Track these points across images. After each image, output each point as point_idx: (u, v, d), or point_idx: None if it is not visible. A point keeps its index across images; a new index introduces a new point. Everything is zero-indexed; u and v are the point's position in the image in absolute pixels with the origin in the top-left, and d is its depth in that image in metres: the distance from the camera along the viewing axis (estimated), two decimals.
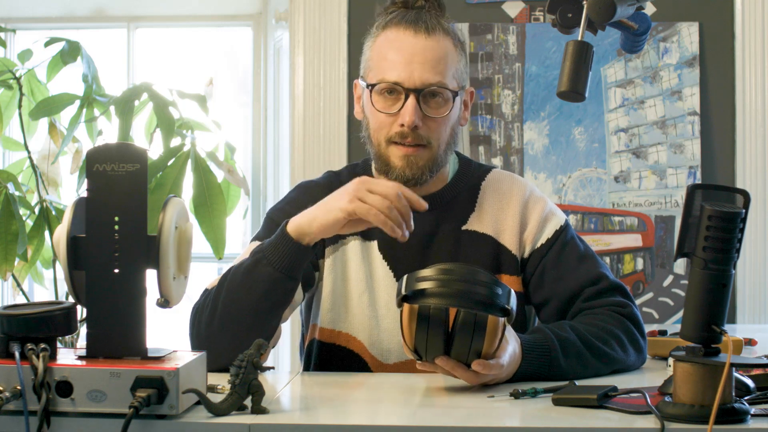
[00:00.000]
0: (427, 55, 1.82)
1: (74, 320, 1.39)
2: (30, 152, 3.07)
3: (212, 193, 2.91)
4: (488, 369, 1.54)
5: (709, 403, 1.29)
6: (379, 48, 1.87)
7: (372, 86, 1.85)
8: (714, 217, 1.31)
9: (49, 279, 3.16)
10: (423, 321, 1.53)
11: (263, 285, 1.70)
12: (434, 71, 1.82)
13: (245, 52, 3.87)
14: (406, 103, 1.82)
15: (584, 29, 1.69)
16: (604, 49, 3.30)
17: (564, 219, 1.96)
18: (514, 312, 1.53)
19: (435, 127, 1.85)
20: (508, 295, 1.53)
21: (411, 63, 1.81)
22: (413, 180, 1.87)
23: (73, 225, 1.38)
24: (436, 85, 1.82)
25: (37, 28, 3.83)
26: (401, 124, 1.82)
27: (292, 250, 1.71)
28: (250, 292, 1.70)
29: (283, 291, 1.72)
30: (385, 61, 1.84)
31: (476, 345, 1.53)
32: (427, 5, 1.88)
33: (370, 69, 1.88)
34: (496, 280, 1.53)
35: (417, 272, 1.54)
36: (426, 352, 1.55)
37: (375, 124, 1.87)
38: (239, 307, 1.70)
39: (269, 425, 1.32)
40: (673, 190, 3.29)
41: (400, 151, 1.85)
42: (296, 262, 1.71)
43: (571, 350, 1.70)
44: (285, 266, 1.70)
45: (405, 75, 1.81)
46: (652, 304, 3.29)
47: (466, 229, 1.93)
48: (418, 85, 1.81)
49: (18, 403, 1.29)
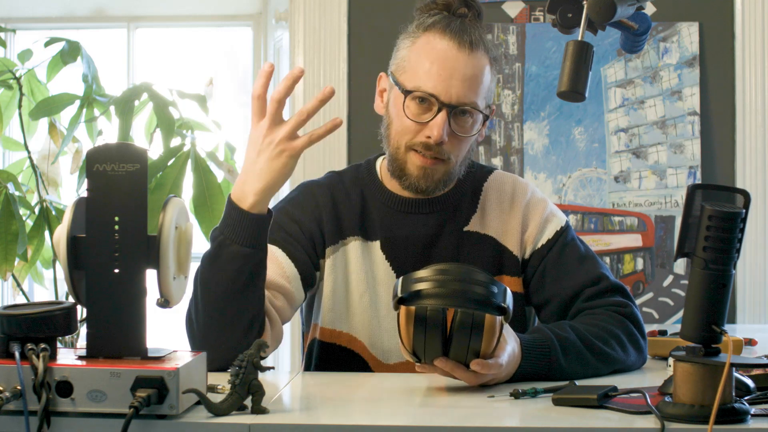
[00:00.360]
0: (467, 72, 1.80)
1: (74, 320, 1.39)
2: (30, 152, 3.07)
3: (212, 193, 2.91)
4: (487, 369, 1.54)
5: (709, 403, 1.29)
6: (418, 51, 1.84)
7: (408, 92, 1.82)
8: (714, 217, 1.31)
9: (49, 279, 3.16)
10: (420, 323, 1.52)
11: (233, 264, 1.65)
12: (471, 90, 1.81)
13: (245, 52, 3.87)
14: (437, 116, 1.80)
15: (584, 29, 1.69)
16: (604, 49, 3.30)
17: (564, 220, 1.96)
18: (510, 310, 1.53)
19: (457, 144, 1.84)
20: (504, 293, 1.53)
21: (450, 78, 1.79)
22: (427, 191, 1.87)
23: (73, 225, 1.38)
24: (469, 105, 1.81)
25: (37, 28, 3.84)
26: (428, 136, 1.81)
27: (249, 220, 1.66)
28: (221, 277, 1.66)
29: (254, 264, 1.67)
30: (424, 68, 1.81)
31: (474, 345, 1.52)
32: (469, 14, 1.86)
33: (405, 70, 1.85)
34: (492, 279, 1.53)
35: (413, 273, 1.54)
36: (424, 355, 1.54)
37: (399, 127, 1.85)
38: (217, 294, 1.66)
39: (269, 425, 1.32)
40: (673, 190, 3.29)
41: (419, 161, 1.84)
42: (259, 231, 1.67)
43: (571, 350, 1.70)
44: (249, 239, 1.65)
45: (442, 88, 1.79)
46: (652, 304, 3.29)
47: (468, 230, 1.93)
48: (453, 101, 1.80)
49: (18, 403, 1.29)
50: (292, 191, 2.00)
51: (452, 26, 1.83)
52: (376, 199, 1.94)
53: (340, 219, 1.92)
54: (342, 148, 3.35)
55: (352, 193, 1.94)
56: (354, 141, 3.34)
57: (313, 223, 1.90)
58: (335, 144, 3.35)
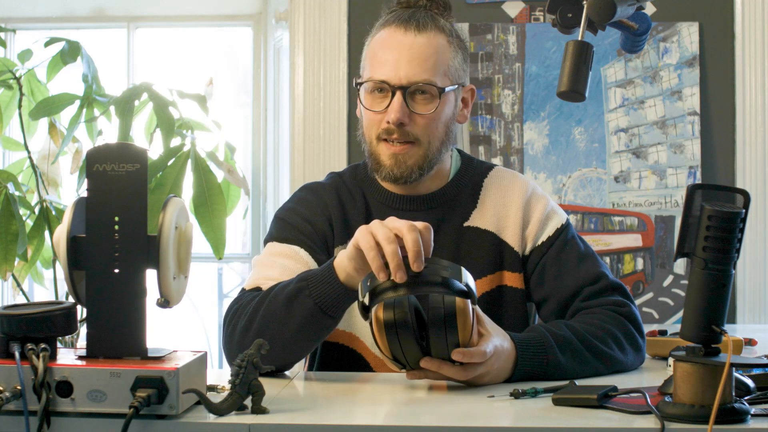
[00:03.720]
0: (414, 52, 1.83)
1: (74, 320, 1.39)
2: (30, 152, 3.07)
3: (212, 193, 2.91)
4: (470, 356, 1.54)
5: (709, 403, 1.29)
6: (372, 47, 1.89)
7: (360, 84, 1.87)
8: (714, 217, 1.31)
9: (49, 279, 3.16)
10: (391, 329, 1.53)
11: (302, 315, 1.65)
12: (421, 68, 1.82)
13: (245, 52, 3.87)
14: (392, 100, 1.82)
15: (584, 29, 1.69)
16: (604, 49, 3.30)
17: (565, 218, 1.96)
18: (473, 291, 1.52)
19: (424, 124, 1.85)
20: (459, 271, 1.51)
21: (398, 61, 1.82)
22: (402, 179, 1.87)
23: (73, 225, 1.38)
24: (422, 82, 1.82)
25: (37, 28, 3.84)
26: (387, 121, 1.83)
27: (336, 288, 1.63)
28: (286, 320, 1.66)
29: (319, 327, 1.67)
30: (375, 59, 1.86)
31: (451, 336, 1.53)
32: (430, 4, 1.89)
33: (363, 68, 1.90)
34: (442, 261, 1.51)
35: (367, 275, 1.53)
36: (406, 360, 1.55)
37: (366, 122, 1.89)
38: (274, 332, 1.66)
39: (269, 425, 1.32)
40: (673, 190, 3.29)
41: (389, 150, 1.86)
42: (339, 301, 1.65)
43: (568, 348, 1.70)
44: (326, 303, 1.64)
45: (392, 73, 1.82)
46: (652, 304, 3.29)
47: (469, 225, 1.93)
48: (404, 83, 1.82)
49: (18, 403, 1.29)
50: (297, 191, 1.99)
51: (402, 16, 1.86)
52: (376, 198, 1.94)
53: (347, 219, 1.92)
54: (342, 149, 3.35)
55: (355, 194, 1.95)
56: (354, 141, 3.33)
57: (324, 223, 1.91)
58: (335, 144, 3.35)
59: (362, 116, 1.91)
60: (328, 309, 1.64)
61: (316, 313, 1.64)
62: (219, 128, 3.10)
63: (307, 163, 3.34)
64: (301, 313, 1.65)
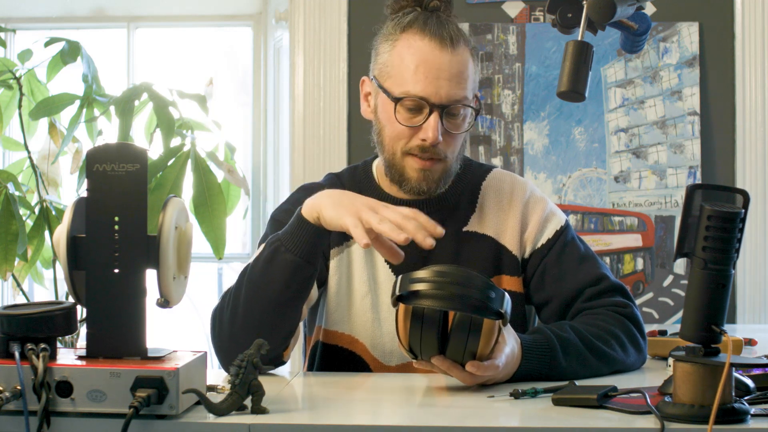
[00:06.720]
0: (453, 70, 1.80)
1: (74, 320, 1.39)
2: (30, 152, 3.07)
3: (212, 193, 2.91)
4: (483, 370, 1.54)
5: (709, 403, 1.29)
6: (400, 54, 1.83)
7: (398, 99, 1.81)
8: (714, 217, 1.31)
9: (49, 279, 3.16)
10: (417, 321, 1.53)
11: (284, 273, 1.68)
12: (459, 87, 1.81)
13: (245, 52, 3.87)
14: (430, 118, 1.80)
15: (584, 29, 1.68)
16: (604, 49, 3.30)
17: (564, 219, 1.96)
18: (508, 315, 1.53)
19: (452, 142, 1.84)
20: (502, 298, 1.53)
21: (438, 79, 1.79)
22: (429, 192, 1.87)
23: (73, 225, 1.38)
24: (460, 101, 1.81)
25: (37, 28, 3.84)
26: (423, 138, 1.81)
27: (309, 233, 1.68)
28: (271, 282, 1.68)
29: (303, 278, 1.70)
30: (410, 72, 1.80)
31: (471, 346, 1.53)
32: (441, 6, 1.86)
33: (390, 75, 1.84)
34: (490, 284, 1.53)
35: (412, 273, 1.54)
36: (421, 352, 1.55)
37: (392, 133, 1.84)
38: (261, 299, 1.68)
39: (269, 425, 1.32)
40: (673, 190, 3.29)
41: (417, 164, 1.84)
42: (314, 246, 1.69)
43: (572, 350, 1.70)
44: (304, 251, 1.68)
45: (431, 90, 1.79)
46: (652, 304, 3.29)
47: (467, 230, 1.93)
48: (444, 101, 1.80)
49: (18, 403, 1.29)
50: (294, 192, 1.99)
51: (429, 24, 1.83)
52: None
53: None
54: (342, 149, 3.35)
55: None
56: (354, 141, 3.34)
57: None
58: (335, 144, 3.35)
59: (383, 124, 1.86)
60: (307, 256, 1.68)
61: (299, 264, 1.67)
62: (219, 128, 3.10)
63: (307, 163, 3.34)
64: (283, 270, 1.68)
